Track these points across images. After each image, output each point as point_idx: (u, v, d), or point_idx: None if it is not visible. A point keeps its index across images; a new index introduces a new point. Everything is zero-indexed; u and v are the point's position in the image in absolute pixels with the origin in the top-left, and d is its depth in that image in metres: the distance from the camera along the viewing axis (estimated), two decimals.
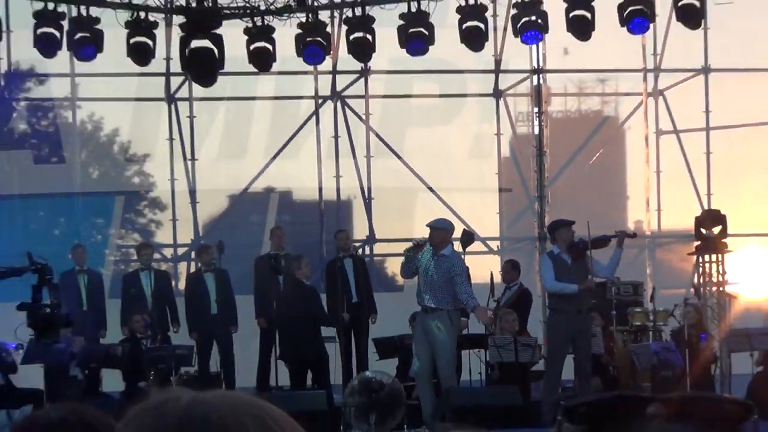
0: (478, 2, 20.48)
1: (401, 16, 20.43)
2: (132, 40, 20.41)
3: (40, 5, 20.17)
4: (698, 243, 19.34)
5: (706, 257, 19.24)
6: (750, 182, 22.58)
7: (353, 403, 15.98)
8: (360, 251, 21.24)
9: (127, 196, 24.29)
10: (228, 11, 20.71)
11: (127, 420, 2.16)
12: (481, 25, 20.52)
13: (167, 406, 2.12)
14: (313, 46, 20.87)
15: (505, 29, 21.74)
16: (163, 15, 21.06)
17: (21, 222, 21.78)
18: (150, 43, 20.58)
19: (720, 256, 19.06)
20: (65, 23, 20.13)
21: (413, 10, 20.31)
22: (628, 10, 19.78)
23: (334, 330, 18.41)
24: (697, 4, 19.94)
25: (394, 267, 21.16)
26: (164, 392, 2.25)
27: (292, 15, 20.85)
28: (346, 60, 22.10)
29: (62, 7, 20.17)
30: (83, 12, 20.32)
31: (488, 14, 20.86)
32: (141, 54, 20.59)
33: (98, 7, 20.29)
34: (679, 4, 19.99)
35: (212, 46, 20.50)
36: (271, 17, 20.90)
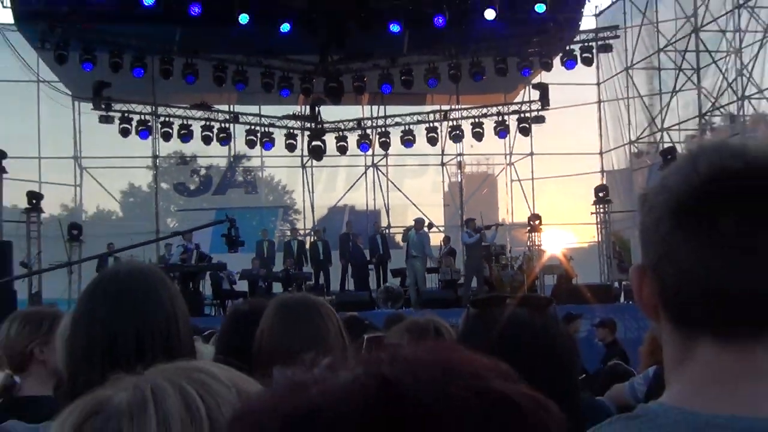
0: (433, 124, 20.70)
1: (401, 131, 20.58)
2: (287, 141, 20.62)
3: (247, 126, 20.45)
4: (529, 227, 19.14)
5: (533, 234, 19.03)
6: (553, 200, 22.30)
7: (381, 297, 16.53)
8: (385, 232, 20.58)
9: (284, 208, 24.25)
10: (327, 130, 20.89)
11: (276, 298, 2.51)
12: (436, 135, 20.67)
13: (293, 294, 2.62)
14: (364, 143, 21.04)
15: (446, 136, 21.33)
16: (299, 130, 21.09)
17: (238, 221, 20.37)
18: (294, 143, 20.74)
19: (538, 233, 18.94)
20: (259, 134, 20.24)
21: (407, 129, 20.53)
22: (498, 128, 19.85)
23: (373, 265, 18.16)
24: (528, 125, 20.03)
25: (398, 239, 21.04)
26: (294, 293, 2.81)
27: (354, 130, 21.04)
28: (378, 149, 21.80)
29: (257, 128, 20.35)
30: (267, 130, 20.50)
31: (438, 130, 20.70)
32: (291, 147, 20.76)
33: (273, 128, 20.55)
34: (519, 126, 20.14)
35: (321, 144, 20.75)
36: (346, 132, 21.06)
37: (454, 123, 20.85)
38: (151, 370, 0.84)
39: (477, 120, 20.56)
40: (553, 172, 22.58)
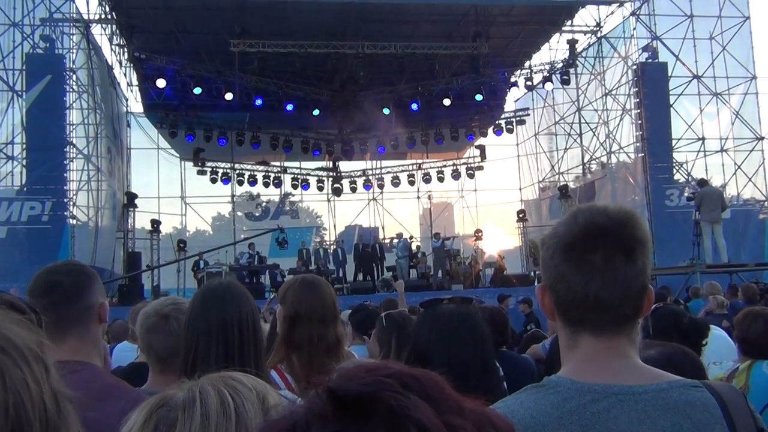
0: (411, 172, 20.59)
1: (391, 177, 20.52)
2: (318, 184, 20.30)
3: (292, 175, 20.11)
4: (474, 238, 18.68)
5: (477, 242, 18.35)
6: (489, 220, 22.00)
7: (379, 284, 15.76)
8: (382, 242, 19.34)
9: (316, 227, 23.51)
10: (343, 177, 20.54)
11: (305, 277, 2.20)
12: (414, 179, 20.43)
13: (305, 276, 2.19)
14: (367, 185, 20.74)
15: (420, 179, 20.95)
16: (326, 177, 20.68)
17: (289, 237, 19.46)
18: (322, 185, 20.38)
19: (480, 241, 18.40)
20: (300, 180, 19.94)
21: (395, 175, 20.43)
22: (454, 174, 19.64)
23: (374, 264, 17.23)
24: (473, 172, 20.11)
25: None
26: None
27: (361, 177, 20.75)
28: (376, 189, 21.23)
29: (299, 176, 20.05)
30: (305, 177, 20.17)
31: (415, 176, 20.43)
32: (320, 188, 20.36)
33: (309, 176, 20.22)
34: (467, 172, 19.96)
35: (339, 186, 20.41)
36: (355, 178, 20.82)
37: (425, 171, 20.77)
38: (203, 378, 0.84)
39: (440, 169, 20.62)
40: (489, 202, 22.56)
